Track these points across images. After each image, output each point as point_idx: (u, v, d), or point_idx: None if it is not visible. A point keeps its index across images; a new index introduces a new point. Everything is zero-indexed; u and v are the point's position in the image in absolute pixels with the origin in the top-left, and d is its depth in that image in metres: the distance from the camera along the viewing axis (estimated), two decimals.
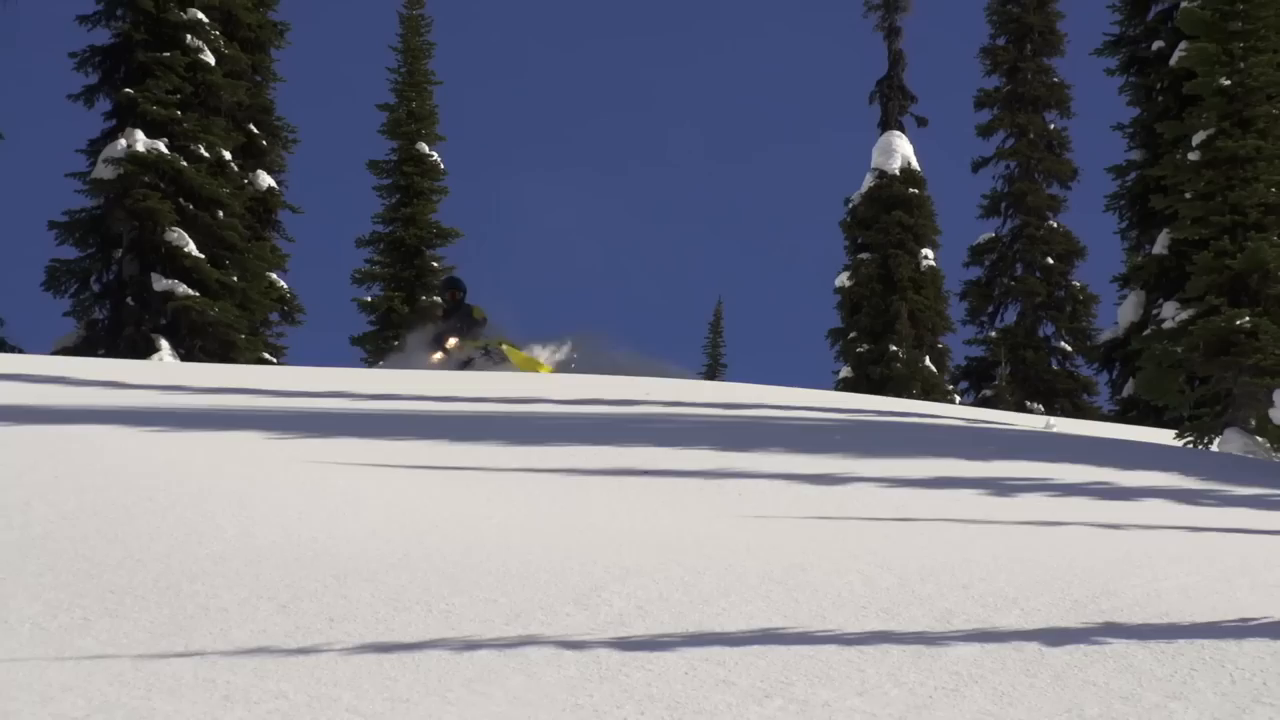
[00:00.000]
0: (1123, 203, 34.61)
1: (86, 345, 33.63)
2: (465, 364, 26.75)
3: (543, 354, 28.58)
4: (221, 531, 12.15)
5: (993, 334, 38.64)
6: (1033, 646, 10.16)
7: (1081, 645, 10.52)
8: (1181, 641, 10.48)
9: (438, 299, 28.72)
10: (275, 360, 34.17)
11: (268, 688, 9.83)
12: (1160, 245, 30.94)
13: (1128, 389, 32.26)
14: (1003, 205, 39.23)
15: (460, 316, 27.57)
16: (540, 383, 22.91)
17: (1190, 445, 21.81)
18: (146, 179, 34.02)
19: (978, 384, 38.18)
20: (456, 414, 19.18)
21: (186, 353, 32.74)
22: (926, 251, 38.14)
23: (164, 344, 32.62)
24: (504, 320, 33.44)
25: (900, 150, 38.65)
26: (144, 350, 32.60)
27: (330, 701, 9.61)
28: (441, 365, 27.06)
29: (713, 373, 48.34)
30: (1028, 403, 36.02)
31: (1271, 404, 21.88)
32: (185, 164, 34.37)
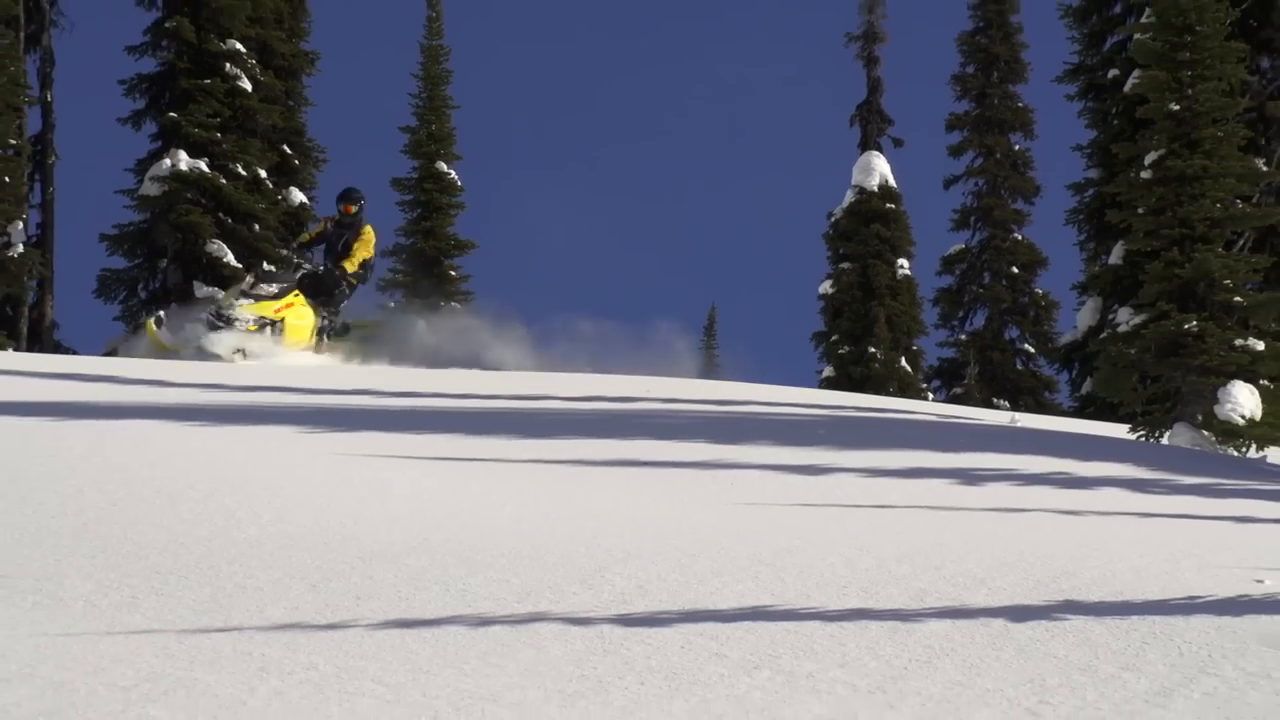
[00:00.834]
0: (1081, 217, 34.56)
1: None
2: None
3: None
4: (257, 517, 12.17)
5: (962, 337, 38.69)
6: (999, 622, 10.15)
7: (1043, 621, 10.54)
8: (1134, 618, 10.49)
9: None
10: None
11: (299, 660, 9.85)
12: (1115, 256, 30.88)
13: (1086, 387, 32.21)
14: (972, 219, 39.31)
15: (350, 234, 22.99)
16: (548, 382, 22.93)
17: (1142, 439, 21.84)
18: (189, 195, 34.02)
19: (949, 382, 38.20)
20: (471, 410, 19.22)
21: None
22: (902, 261, 38.13)
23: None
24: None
25: (878, 169, 38.67)
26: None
27: (357, 673, 9.63)
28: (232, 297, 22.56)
29: (707, 372, 48.25)
30: (994, 400, 36.02)
31: (1216, 401, 21.92)
32: (224, 181, 34.38)
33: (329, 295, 23.10)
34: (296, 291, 22.87)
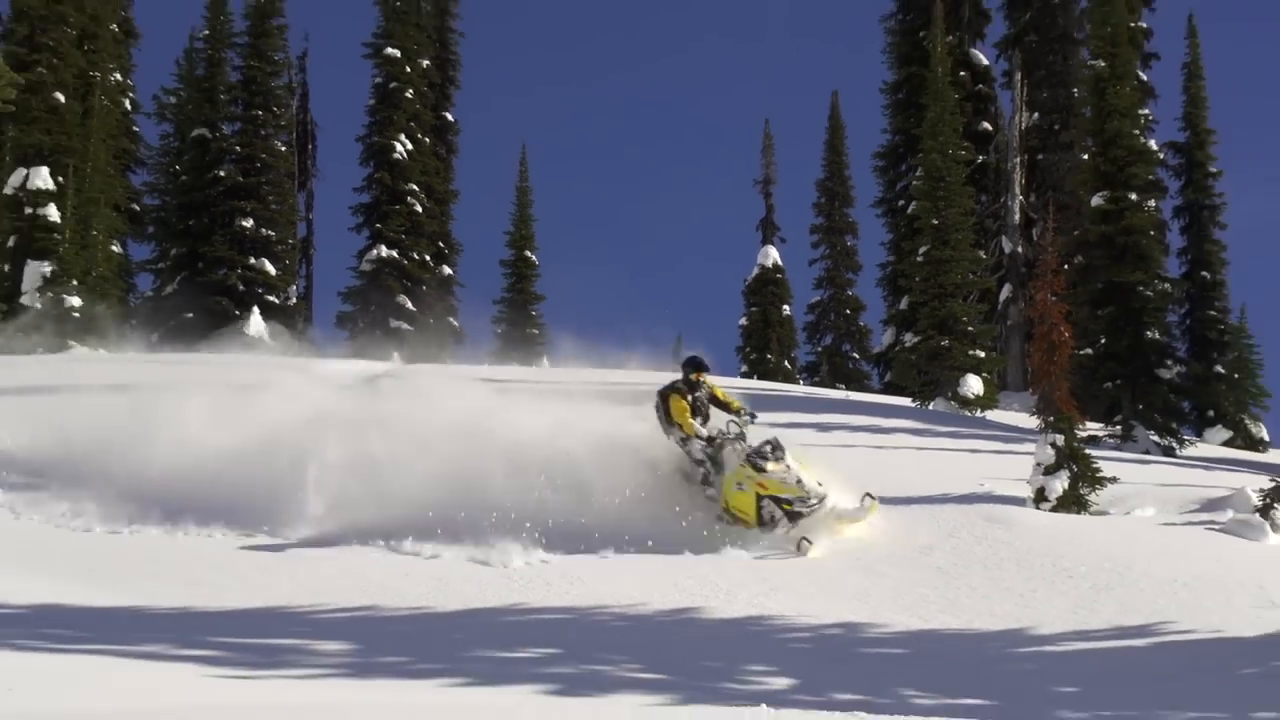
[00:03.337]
0: (885, 283, 34.68)
1: (356, 356, 33.71)
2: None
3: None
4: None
5: (819, 349, 38.68)
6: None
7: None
8: (914, 505, 10.55)
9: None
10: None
11: (429, 553, 9.90)
12: (904, 304, 30.90)
13: (888, 377, 32.32)
14: (824, 283, 39.20)
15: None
16: (586, 374, 22.77)
17: (919, 406, 21.95)
18: (387, 270, 34.18)
19: (811, 375, 38.19)
20: (547, 389, 19.08)
21: (407, 360, 32.75)
22: (785, 307, 38.10)
23: (394, 355, 32.63)
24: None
25: (772, 255, 38.58)
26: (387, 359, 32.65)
27: (467, 562, 9.63)
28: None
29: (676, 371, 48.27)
30: (837, 384, 36.01)
31: (959, 385, 22.06)
32: (406, 263, 34.52)
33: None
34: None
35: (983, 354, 22.70)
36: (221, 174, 33.24)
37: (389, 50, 35.25)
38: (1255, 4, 68.97)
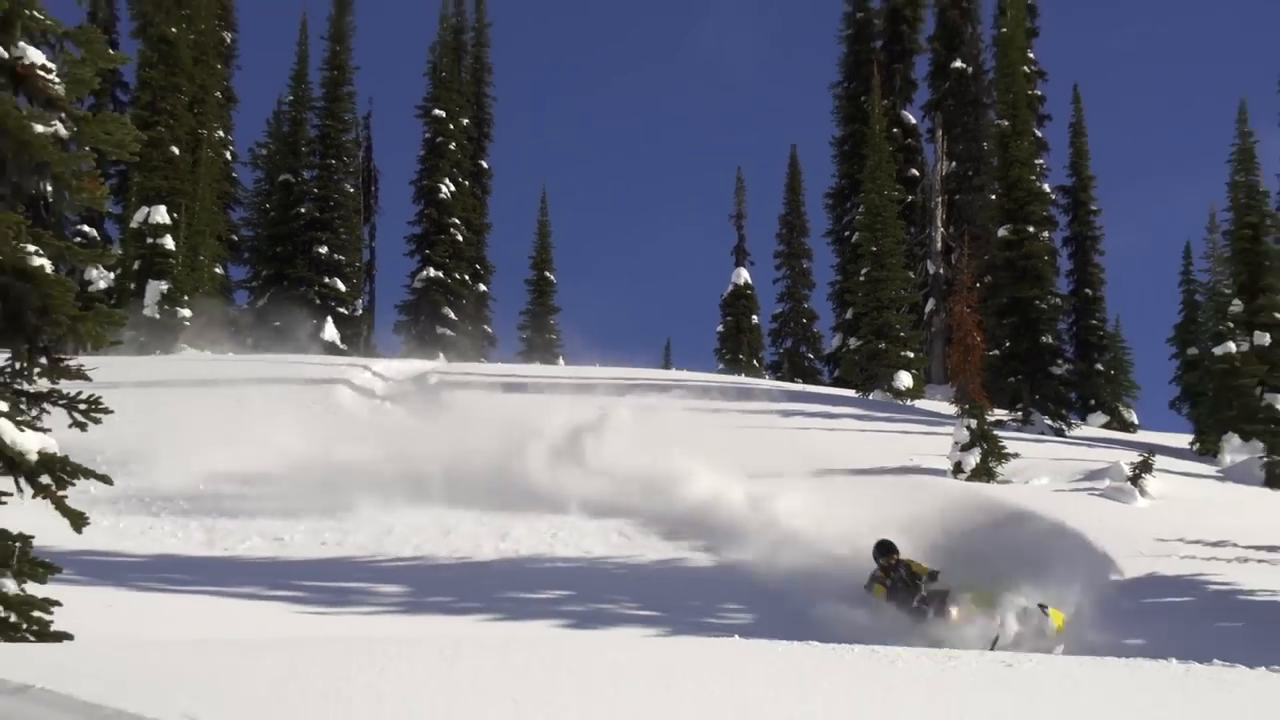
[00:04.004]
0: (834, 297, 34.60)
1: (409, 357, 33.53)
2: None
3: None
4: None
5: (781, 351, 38.53)
6: (802, 482, 10.18)
7: (826, 477, 10.66)
8: (856, 476, 10.57)
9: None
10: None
11: (502, 518, 9.89)
12: (849, 314, 30.83)
13: (836, 373, 32.26)
14: (785, 297, 39.02)
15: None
16: (593, 371, 22.69)
17: (861, 396, 21.94)
18: (435, 287, 34.13)
19: (775, 372, 38.07)
20: (570, 381, 19.02)
21: (450, 360, 32.57)
22: (754, 317, 37.96)
23: (440, 356, 32.53)
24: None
25: (744, 275, 38.33)
26: (433, 359, 32.46)
27: (519, 518, 9.63)
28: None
29: (666, 368, 48.16)
30: (796, 379, 35.90)
31: (893, 379, 22.09)
32: (449, 281, 34.42)
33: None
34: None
35: (912, 355, 22.76)
36: (302, 211, 33.39)
37: (436, 112, 35.34)
38: (1126, 82, 69.91)
